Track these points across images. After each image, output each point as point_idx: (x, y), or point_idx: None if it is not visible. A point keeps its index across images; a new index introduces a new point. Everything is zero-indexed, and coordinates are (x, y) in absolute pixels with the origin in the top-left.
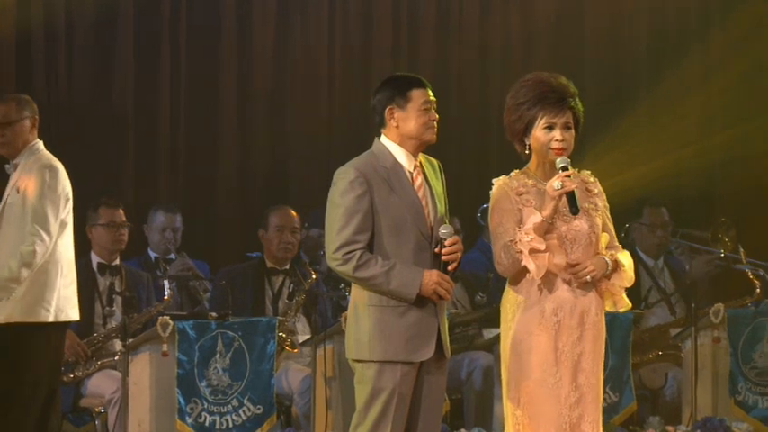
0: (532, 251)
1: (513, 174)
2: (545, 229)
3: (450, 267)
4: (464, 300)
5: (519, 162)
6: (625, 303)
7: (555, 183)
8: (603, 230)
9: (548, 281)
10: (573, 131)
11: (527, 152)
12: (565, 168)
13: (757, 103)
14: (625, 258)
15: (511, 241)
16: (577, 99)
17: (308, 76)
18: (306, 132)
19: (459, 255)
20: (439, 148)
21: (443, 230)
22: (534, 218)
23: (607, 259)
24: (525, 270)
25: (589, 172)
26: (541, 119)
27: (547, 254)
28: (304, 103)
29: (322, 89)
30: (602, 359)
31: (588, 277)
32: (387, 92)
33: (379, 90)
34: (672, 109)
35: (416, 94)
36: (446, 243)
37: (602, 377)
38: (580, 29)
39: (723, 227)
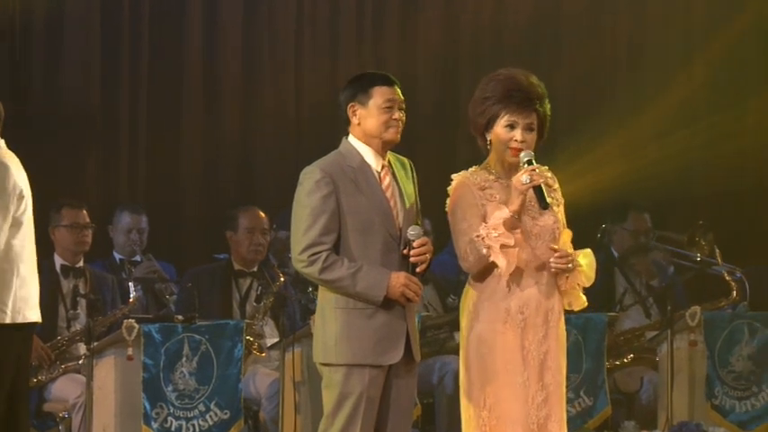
0: (502, 247)
1: (472, 169)
2: (512, 225)
3: (418, 269)
4: (435, 302)
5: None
6: (581, 302)
7: (523, 177)
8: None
9: (512, 278)
10: (535, 134)
11: (488, 147)
12: (530, 162)
13: (737, 101)
14: (584, 258)
15: (477, 236)
16: (545, 102)
17: (275, 72)
18: (273, 130)
19: (428, 256)
20: (406, 147)
21: (412, 231)
22: (501, 213)
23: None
24: (491, 267)
25: (546, 167)
26: (504, 116)
27: (516, 249)
28: (271, 100)
29: (289, 87)
30: (565, 357)
31: (570, 266)
32: (350, 89)
33: (345, 87)
34: (649, 108)
35: (379, 91)
36: (415, 244)
37: (565, 375)
38: (556, 22)
39: (700, 230)
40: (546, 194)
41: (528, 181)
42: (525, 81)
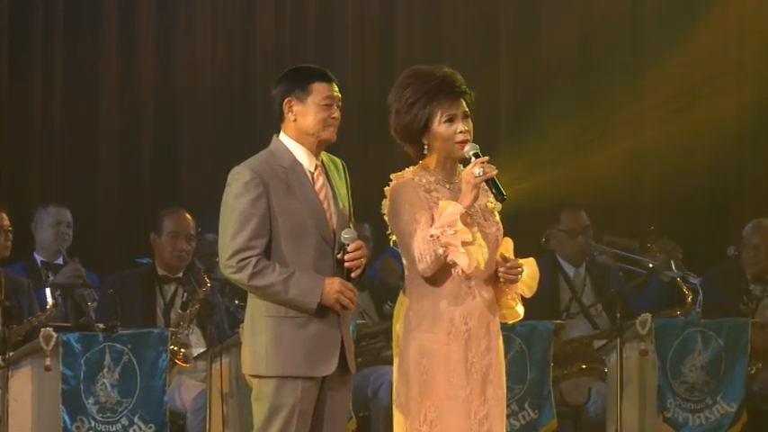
0: (464, 243)
1: (411, 169)
2: (466, 222)
3: (353, 274)
4: (371, 310)
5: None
6: (516, 314)
7: (475, 170)
8: None
9: (456, 287)
10: (470, 120)
11: (424, 152)
12: (477, 155)
13: (687, 101)
14: (527, 267)
15: (431, 236)
16: (466, 86)
17: (193, 65)
18: (193, 126)
19: (363, 261)
20: (343, 147)
21: (346, 235)
22: (454, 209)
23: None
24: (446, 269)
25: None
26: (441, 113)
27: (476, 246)
28: (190, 94)
29: (205, 82)
30: (504, 370)
31: (519, 277)
32: (287, 83)
33: (279, 81)
34: (595, 107)
35: (319, 87)
36: (349, 248)
37: (505, 389)
38: (495, 22)
39: (652, 236)
40: (501, 186)
41: (481, 173)
42: (441, 72)
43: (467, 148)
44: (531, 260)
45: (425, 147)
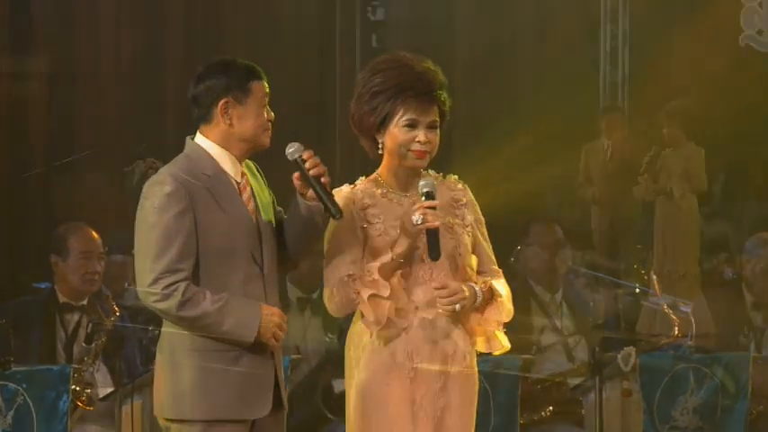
0: (372, 297)
1: (358, 182)
2: (394, 269)
3: (324, 180)
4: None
5: (369, 165)
6: (501, 345)
7: (415, 216)
8: (474, 251)
9: (399, 314)
10: (438, 132)
11: (379, 152)
12: (429, 195)
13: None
14: (502, 287)
15: (349, 276)
16: (446, 90)
17: (95, 60)
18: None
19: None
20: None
21: (290, 150)
22: (383, 257)
23: (477, 288)
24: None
25: (456, 177)
26: (402, 114)
27: (389, 303)
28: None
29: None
30: (474, 414)
31: (457, 306)
32: (221, 80)
33: (207, 76)
34: (557, 111)
35: (257, 86)
36: (304, 157)
37: None
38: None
39: (639, 256)
40: (440, 241)
41: (420, 222)
42: (420, 67)
43: (421, 183)
44: (502, 280)
45: (380, 145)
